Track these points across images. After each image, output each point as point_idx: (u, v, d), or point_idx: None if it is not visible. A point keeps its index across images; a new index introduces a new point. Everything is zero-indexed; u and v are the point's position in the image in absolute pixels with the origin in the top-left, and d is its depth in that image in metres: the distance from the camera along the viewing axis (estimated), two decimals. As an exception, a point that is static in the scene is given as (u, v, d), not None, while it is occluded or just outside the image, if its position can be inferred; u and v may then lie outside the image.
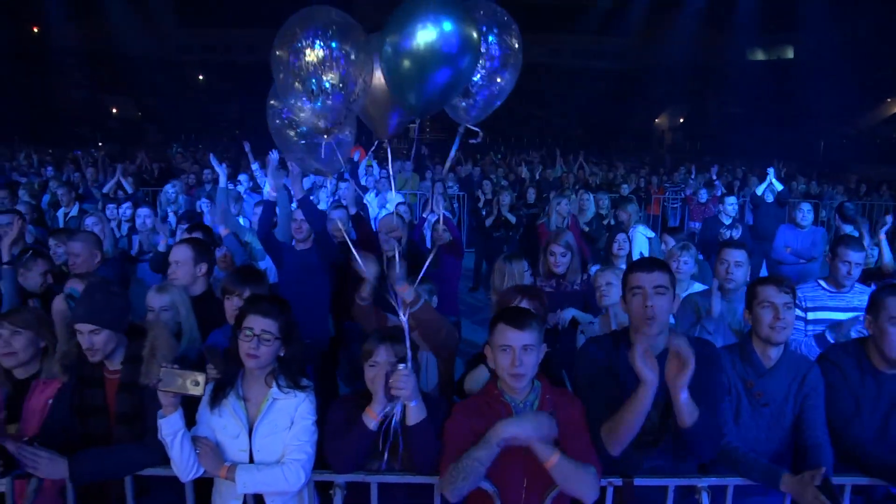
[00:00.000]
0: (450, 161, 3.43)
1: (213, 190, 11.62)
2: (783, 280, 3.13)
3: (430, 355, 3.76)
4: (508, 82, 3.15)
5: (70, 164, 18.43)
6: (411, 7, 2.73)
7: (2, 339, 3.23)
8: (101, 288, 3.10)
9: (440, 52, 2.65)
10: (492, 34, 2.98)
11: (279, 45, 2.90)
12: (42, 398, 3.18)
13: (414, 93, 2.79)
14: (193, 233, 4.86)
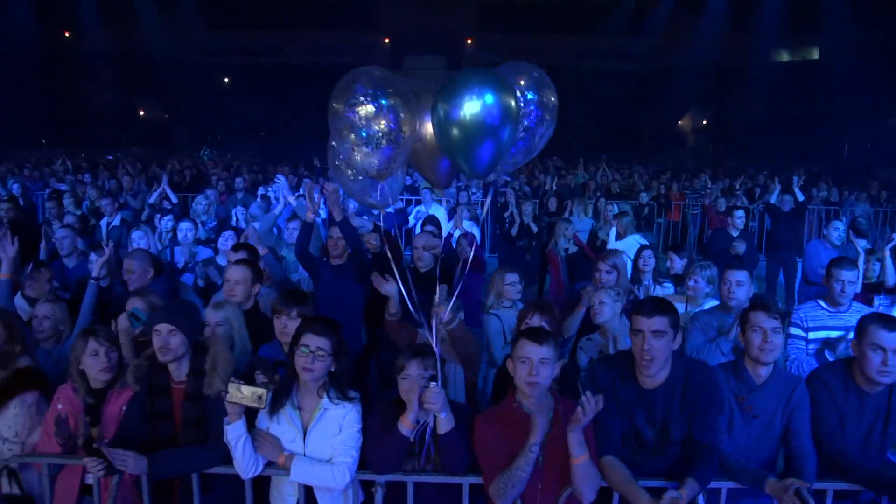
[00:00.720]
0: (485, 210, 3.80)
1: (245, 197, 12.03)
2: (772, 306, 3.50)
3: (458, 367, 4.15)
4: (545, 135, 3.50)
5: (104, 169, 19.01)
6: (461, 79, 3.09)
7: (99, 356, 3.64)
8: (184, 301, 3.56)
9: (484, 123, 3.02)
10: (531, 92, 3.34)
11: (336, 99, 3.23)
12: (117, 405, 3.61)
13: (465, 161, 3.16)
14: (239, 251, 5.26)
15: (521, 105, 3.29)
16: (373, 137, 3.13)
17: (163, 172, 16.44)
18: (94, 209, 10.90)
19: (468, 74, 3.14)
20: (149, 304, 4.21)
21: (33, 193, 14.16)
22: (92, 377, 3.68)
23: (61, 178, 16.18)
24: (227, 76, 42.16)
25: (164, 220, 8.25)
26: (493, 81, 3.11)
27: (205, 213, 9.72)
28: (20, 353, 3.85)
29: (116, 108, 38.19)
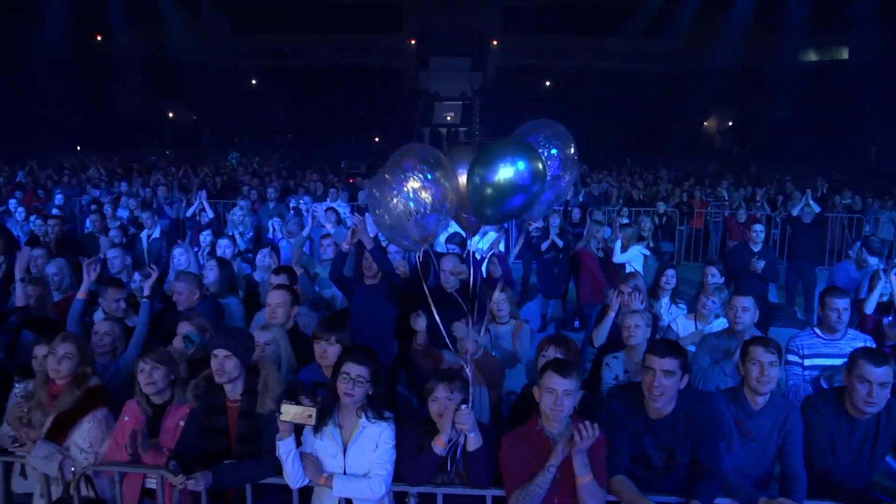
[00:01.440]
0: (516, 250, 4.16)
1: (277, 207, 12.40)
2: (770, 342, 3.88)
3: (483, 388, 4.52)
4: (568, 184, 3.87)
5: (137, 175, 19.54)
6: (496, 147, 3.50)
7: (144, 373, 4.03)
8: (239, 329, 4.06)
9: (516, 183, 3.40)
10: (554, 147, 3.71)
11: (387, 170, 3.64)
12: (174, 419, 4.02)
13: (492, 210, 3.54)
14: (280, 275, 5.66)
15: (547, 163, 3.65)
16: (419, 208, 3.51)
17: (195, 178, 16.95)
18: (132, 218, 11.35)
19: (503, 143, 3.54)
20: (198, 326, 4.64)
21: (74, 202, 14.68)
22: (146, 394, 4.08)
23: (96, 185, 16.68)
24: (255, 78, 42.73)
25: (202, 235, 8.63)
26: (525, 149, 3.50)
27: (241, 222, 10.12)
28: (91, 375, 4.25)
29: (146, 111, 38.91)
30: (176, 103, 41.11)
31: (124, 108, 37.59)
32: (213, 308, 5.57)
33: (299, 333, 4.96)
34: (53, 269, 6.53)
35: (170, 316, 5.50)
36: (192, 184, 16.52)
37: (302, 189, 15.67)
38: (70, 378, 4.14)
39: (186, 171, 19.79)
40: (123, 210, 12.00)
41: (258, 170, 24.34)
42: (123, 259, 7.01)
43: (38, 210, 12.68)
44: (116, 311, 5.58)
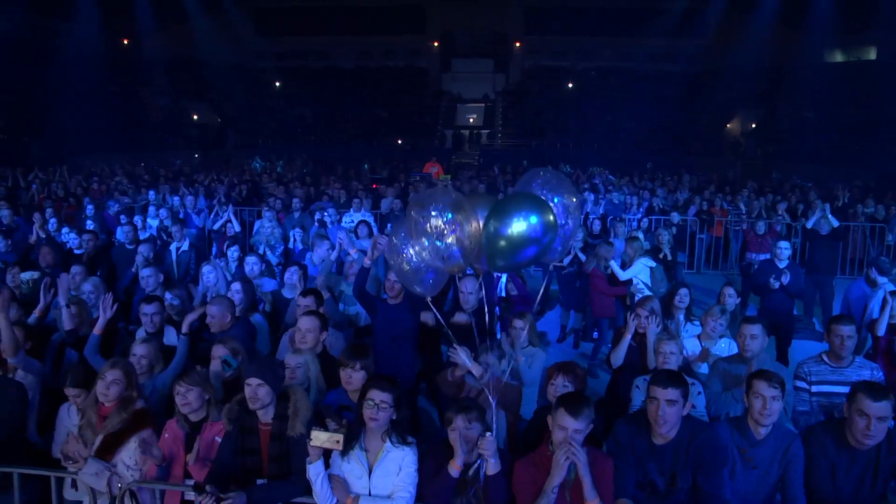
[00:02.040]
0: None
1: (302, 216, 12.64)
2: (774, 376, 4.05)
3: (501, 412, 4.74)
4: (572, 228, 4.08)
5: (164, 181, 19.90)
6: (511, 202, 3.74)
7: (180, 395, 4.34)
8: (271, 357, 4.39)
9: (529, 237, 3.64)
10: (557, 196, 3.93)
11: (413, 206, 3.93)
12: (210, 435, 4.33)
13: (504, 261, 3.77)
14: (307, 297, 5.89)
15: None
16: (443, 245, 3.77)
17: (221, 186, 17.23)
18: (162, 227, 11.63)
19: (518, 198, 3.78)
20: (232, 349, 4.90)
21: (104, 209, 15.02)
22: (183, 413, 4.39)
23: (124, 191, 17.05)
24: (279, 80, 43.19)
25: (230, 250, 8.87)
26: (538, 203, 3.72)
27: (270, 234, 10.35)
28: (137, 398, 4.56)
29: (171, 113, 39.37)
30: (201, 106, 41.61)
31: (151, 111, 38.02)
32: (245, 330, 5.84)
33: (328, 356, 5.21)
34: (89, 287, 6.83)
35: (204, 338, 5.77)
36: (218, 191, 16.83)
37: (325, 196, 15.92)
38: (117, 401, 4.45)
39: (213, 179, 20.09)
40: (152, 219, 12.28)
41: (282, 175, 24.64)
42: (157, 277, 7.29)
43: (70, 219, 13.05)
44: (153, 326, 5.89)
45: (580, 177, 21.32)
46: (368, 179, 23.19)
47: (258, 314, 6.64)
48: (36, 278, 7.84)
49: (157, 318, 5.93)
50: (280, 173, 26.20)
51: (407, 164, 28.64)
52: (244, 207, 15.33)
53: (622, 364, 5.78)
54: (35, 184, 17.99)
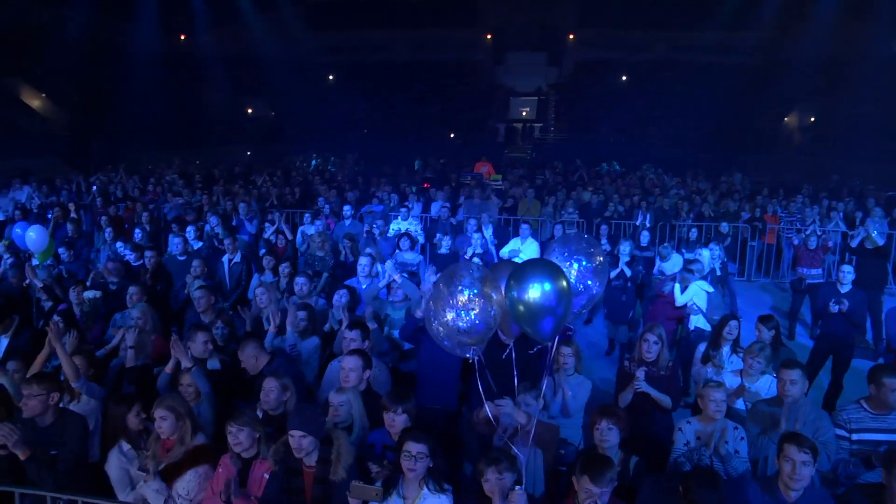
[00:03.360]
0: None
1: (353, 225, 12.76)
2: (805, 440, 4.02)
3: (538, 451, 4.79)
4: (599, 287, 4.10)
5: (219, 182, 20.27)
6: (527, 268, 3.78)
7: (232, 434, 4.54)
8: (311, 407, 4.56)
9: (543, 304, 3.68)
10: (582, 260, 3.97)
11: (442, 281, 4.02)
12: (260, 471, 4.55)
13: (530, 328, 3.83)
14: (353, 331, 5.99)
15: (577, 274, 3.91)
16: (469, 317, 3.84)
17: (274, 189, 17.46)
18: (213, 235, 11.87)
19: (534, 265, 3.86)
20: (282, 385, 5.03)
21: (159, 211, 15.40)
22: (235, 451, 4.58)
23: (178, 192, 17.43)
24: (332, 74, 43.49)
25: (281, 267, 9.04)
26: (551, 271, 3.77)
27: (320, 248, 10.48)
28: (194, 432, 4.79)
29: (226, 108, 39.96)
30: (256, 101, 42.22)
31: (207, 107, 38.67)
32: (286, 362, 5.99)
33: (371, 393, 5.31)
34: (137, 313, 7.04)
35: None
36: (271, 194, 17.09)
37: (375, 199, 16.05)
38: (176, 435, 4.70)
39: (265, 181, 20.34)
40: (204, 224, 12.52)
41: (333, 174, 24.87)
42: (209, 299, 7.47)
43: (123, 225, 13.43)
44: (203, 353, 6.08)
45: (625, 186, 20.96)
46: (420, 178, 23.28)
47: (316, 336, 6.78)
48: (98, 297, 8.12)
49: (201, 348, 6.10)
50: (332, 172, 26.50)
51: (458, 161, 28.69)
52: (297, 210, 15.56)
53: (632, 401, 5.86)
54: (95, 185, 18.50)
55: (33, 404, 4.84)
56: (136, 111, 30.37)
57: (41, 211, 14.68)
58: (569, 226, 14.13)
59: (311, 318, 6.84)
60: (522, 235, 11.33)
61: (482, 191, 17.31)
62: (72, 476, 4.80)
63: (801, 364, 5.38)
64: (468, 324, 3.91)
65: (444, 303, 3.94)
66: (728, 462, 4.77)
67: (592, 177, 23.42)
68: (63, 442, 4.87)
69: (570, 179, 22.49)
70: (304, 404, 4.82)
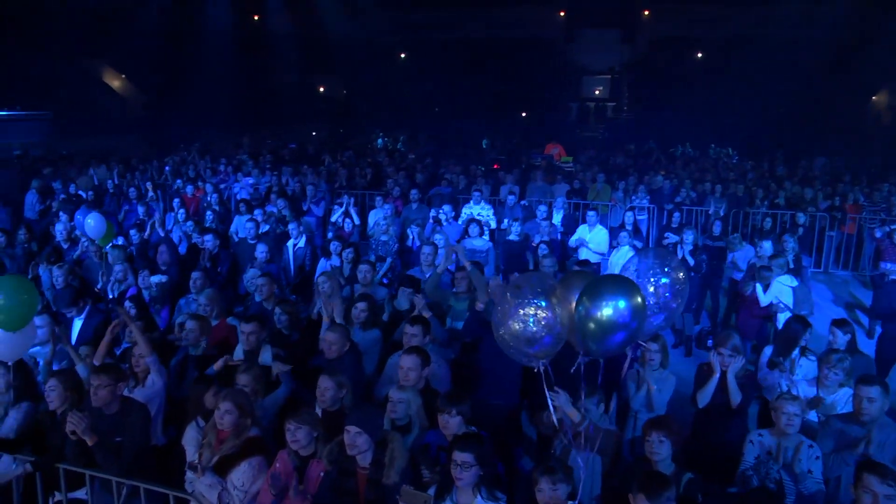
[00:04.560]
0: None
1: (420, 208, 12.65)
2: (889, 472, 3.73)
3: (597, 456, 4.67)
4: (679, 307, 3.94)
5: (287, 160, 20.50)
6: (599, 284, 3.63)
7: (290, 432, 4.53)
8: (371, 407, 4.62)
9: (617, 322, 3.52)
10: (665, 277, 3.80)
11: (510, 290, 3.97)
12: (316, 470, 4.53)
13: (596, 345, 3.69)
14: (415, 326, 5.92)
15: (655, 293, 3.74)
16: (535, 331, 3.74)
17: (343, 171, 17.53)
18: (280, 217, 11.97)
19: (608, 281, 3.65)
20: (338, 383, 5.02)
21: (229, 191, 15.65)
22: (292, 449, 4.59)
23: (248, 173, 17.68)
24: (404, 53, 43.50)
25: (346, 252, 9.05)
26: (626, 287, 3.58)
27: (384, 232, 10.45)
28: (251, 426, 4.82)
29: (299, 87, 40.37)
30: (328, 80, 42.56)
31: (279, 86, 39.14)
32: (354, 359, 5.95)
33: (430, 390, 5.25)
34: (204, 300, 7.11)
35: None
36: (340, 175, 17.17)
37: (444, 181, 15.97)
38: (234, 427, 4.74)
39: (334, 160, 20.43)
40: (271, 206, 12.66)
41: (403, 153, 24.86)
42: (271, 286, 7.53)
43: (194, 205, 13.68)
44: (249, 345, 6.16)
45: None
46: (489, 160, 23.11)
47: (377, 329, 6.75)
48: (165, 281, 8.26)
49: (254, 337, 6.13)
50: (401, 151, 26.50)
51: (529, 141, 28.35)
52: (367, 192, 15.61)
53: (709, 403, 5.60)
54: (169, 166, 18.90)
55: (102, 394, 4.95)
56: (210, 91, 30.96)
57: (117, 191, 15.03)
58: (639, 212, 13.77)
59: (372, 308, 6.77)
60: (590, 222, 11.03)
61: (550, 173, 17.06)
62: (135, 462, 4.90)
63: (882, 380, 5.05)
64: (535, 337, 3.81)
65: (510, 313, 3.84)
66: (801, 482, 4.54)
67: (665, 160, 22.81)
68: (127, 429, 4.99)
69: (641, 162, 21.96)
70: (365, 403, 4.80)
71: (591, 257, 10.56)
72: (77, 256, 9.65)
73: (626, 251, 9.86)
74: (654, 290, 3.95)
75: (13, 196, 15.32)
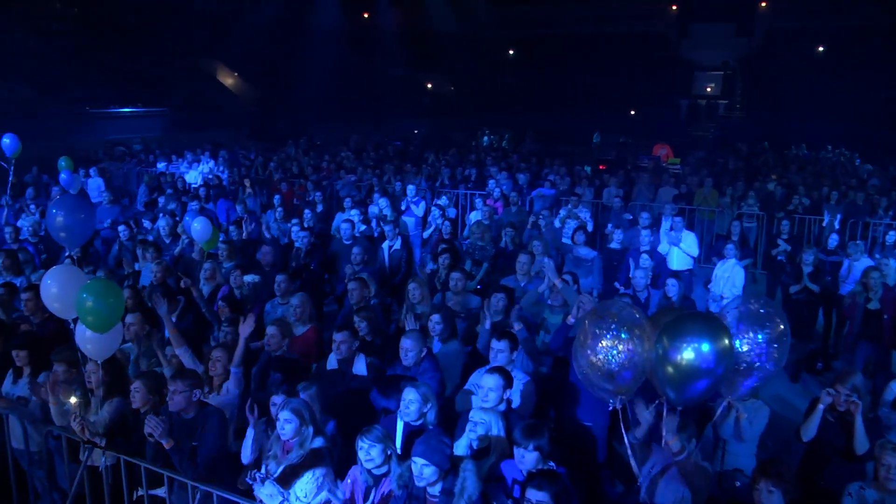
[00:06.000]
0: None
1: (518, 213, 12.30)
2: None
3: (687, 492, 4.27)
4: (780, 359, 3.50)
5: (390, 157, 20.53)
6: (681, 323, 3.23)
7: (363, 450, 4.35)
8: (439, 434, 4.28)
9: (698, 367, 3.13)
10: (761, 333, 3.37)
11: (590, 318, 3.55)
12: (386, 491, 4.36)
13: (673, 392, 3.31)
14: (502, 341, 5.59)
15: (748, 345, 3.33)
16: (615, 364, 3.38)
17: (446, 170, 17.34)
18: (382, 217, 11.84)
19: (692, 319, 3.26)
20: (422, 397, 4.81)
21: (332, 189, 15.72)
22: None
23: (352, 169, 17.77)
24: (512, 49, 43.21)
25: (442, 258, 8.79)
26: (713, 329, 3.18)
27: (479, 238, 10.14)
28: (314, 435, 4.67)
29: (406, 84, 40.65)
30: (436, 76, 42.73)
31: (387, 82, 39.51)
32: (433, 366, 5.73)
33: (513, 413, 4.96)
34: (296, 301, 6.98)
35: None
36: (442, 174, 16.98)
37: (547, 183, 15.56)
38: (297, 438, 4.61)
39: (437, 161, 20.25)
40: (373, 205, 12.60)
41: (507, 151, 24.54)
42: (362, 292, 7.36)
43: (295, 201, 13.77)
44: (341, 354, 6.00)
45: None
46: (595, 159, 22.54)
47: (456, 341, 6.48)
48: (258, 281, 8.23)
49: (345, 346, 5.95)
50: (506, 149, 26.19)
51: (636, 140, 27.58)
52: (469, 192, 15.36)
53: (815, 439, 5.10)
54: (273, 161, 19.19)
55: (178, 399, 4.97)
56: (319, 87, 31.52)
57: (220, 184, 15.33)
58: (748, 219, 12.97)
59: (448, 320, 6.50)
60: (677, 228, 10.36)
61: (656, 176, 16.41)
62: (210, 467, 4.89)
63: None
64: (613, 372, 3.46)
65: (589, 343, 3.50)
66: None
67: (778, 163, 21.54)
68: (203, 435, 4.97)
69: (752, 164, 20.85)
70: (433, 431, 4.53)
71: (682, 262, 10.04)
72: (177, 253, 9.75)
73: (732, 265, 9.25)
74: (748, 348, 3.51)
75: (130, 189, 15.88)
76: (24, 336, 6.44)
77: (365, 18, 40.00)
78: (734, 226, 10.82)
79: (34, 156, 16.91)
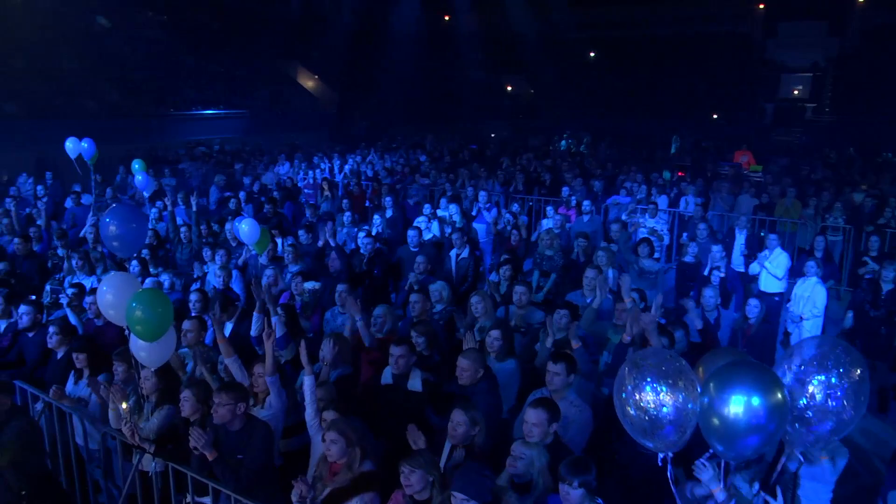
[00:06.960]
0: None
1: (590, 222, 11.80)
2: None
3: None
4: (852, 412, 3.18)
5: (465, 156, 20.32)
6: (729, 372, 2.94)
7: (404, 475, 4.18)
8: (479, 468, 4.08)
9: (747, 422, 2.84)
10: (835, 375, 3.05)
11: (628, 365, 3.33)
12: None
13: (720, 444, 3.02)
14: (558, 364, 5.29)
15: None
16: (655, 418, 3.13)
17: (520, 175, 17.01)
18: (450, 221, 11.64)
19: (742, 368, 2.96)
20: (471, 420, 4.63)
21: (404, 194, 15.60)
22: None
23: (426, 173, 17.66)
24: (593, 51, 42.65)
25: (503, 269, 8.51)
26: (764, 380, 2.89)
27: (548, 247, 9.82)
28: (363, 459, 4.54)
29: (486, 86, 40.52)
30: (516, 78, 42.51)
31: (467, 85, 39.46)
32: (491, 385, 5.51)
33: (560, 446, 4.66)
34: (380, 311, 6.79)
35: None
36: (517, 179, 16.66)
37: (624, 190, 15.13)
38: (344, 460, 4.49)
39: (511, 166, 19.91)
40: (442, 211, 12.39)
41: (584, 155, 24.09)
42: (424, 304, 7.14)
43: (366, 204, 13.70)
44: (398, 369, 5.77)
45: None
46: (674, 166, 21.86)
47: (512, 360, 6.22)
48: (318, 288, 8.13)
49: (403, 361, 5.74)
50: (583, 154, 25.71)
51: (717, 146, 26.68)
52: (543, 198, 15.01)
53: None
54: (349, 165, 19.24)
55: (222, 412, 4.87)
56: (398, 89, 31.69)
57: (291, 187, 15.41)
58: (832, 233, 12.23)
59: (507, 337, 6.24)
60: (770, 246, 9.75)
61: (737, 184, 15.74)
62: (255, 481, 4.82)
63: None
64: (652, 428, 3.18)
65: (626, 394, 3.22)
66: None
67: (869, 171, 20.35)
68: (249, 448, 4.89)
69: (840, 173, 19.75)
70: (472, 464, 4.29)
71: (771, 285, 9.45)
72: (244, 259, 9.72)
73: (813, 283, 8.68)
74: (820, 395, 3.18)
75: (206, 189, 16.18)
76: (84, 339, 6.63)
77: (445, 21, 40.13)
78: (818, 240, 10.17)
79: (122, 156, 17.45)
